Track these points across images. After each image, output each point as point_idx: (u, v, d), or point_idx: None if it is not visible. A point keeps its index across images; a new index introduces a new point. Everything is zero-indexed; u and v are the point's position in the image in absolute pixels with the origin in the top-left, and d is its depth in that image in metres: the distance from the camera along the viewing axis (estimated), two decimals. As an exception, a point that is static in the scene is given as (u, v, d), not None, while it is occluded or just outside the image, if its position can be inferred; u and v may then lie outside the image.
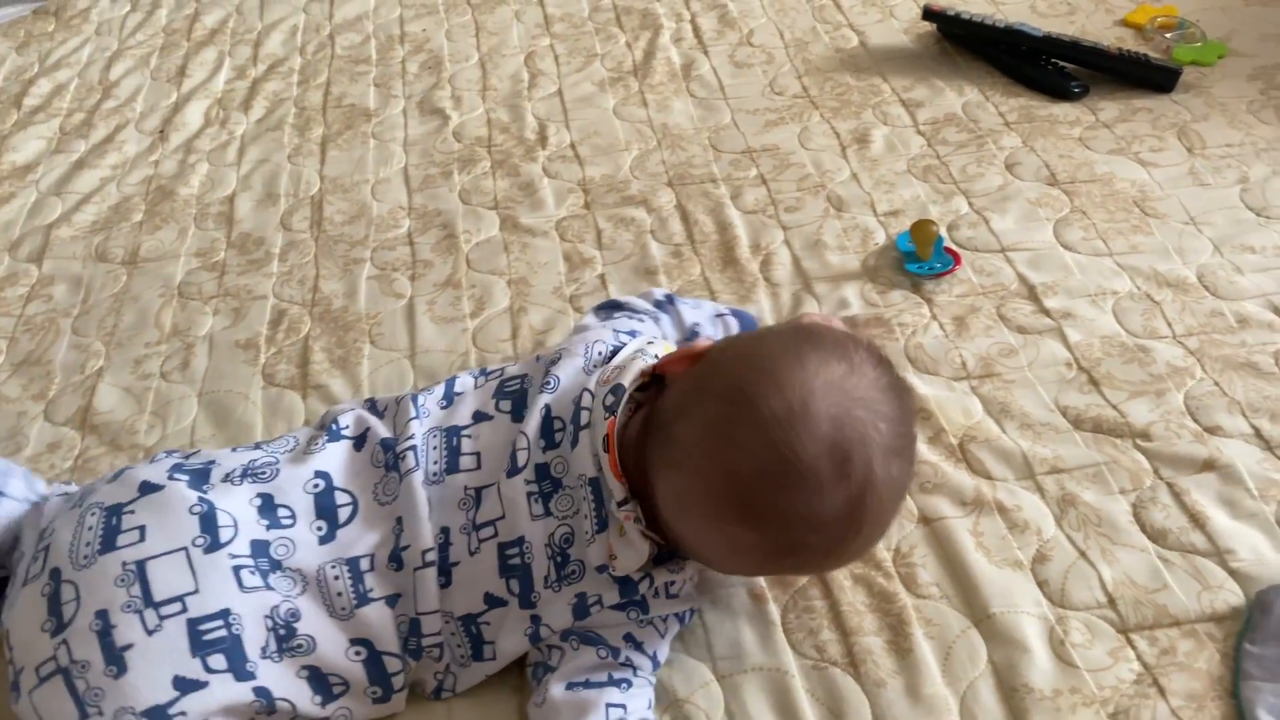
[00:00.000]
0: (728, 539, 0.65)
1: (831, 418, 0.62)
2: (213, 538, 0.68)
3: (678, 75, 1.37)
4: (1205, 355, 0.93)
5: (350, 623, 0.69)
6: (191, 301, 1.08)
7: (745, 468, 0.62)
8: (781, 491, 0.61)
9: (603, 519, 0.69)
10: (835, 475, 0.61)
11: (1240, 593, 0.76)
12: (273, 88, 1.41)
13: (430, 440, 0.74)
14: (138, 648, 0.64)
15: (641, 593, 0.70)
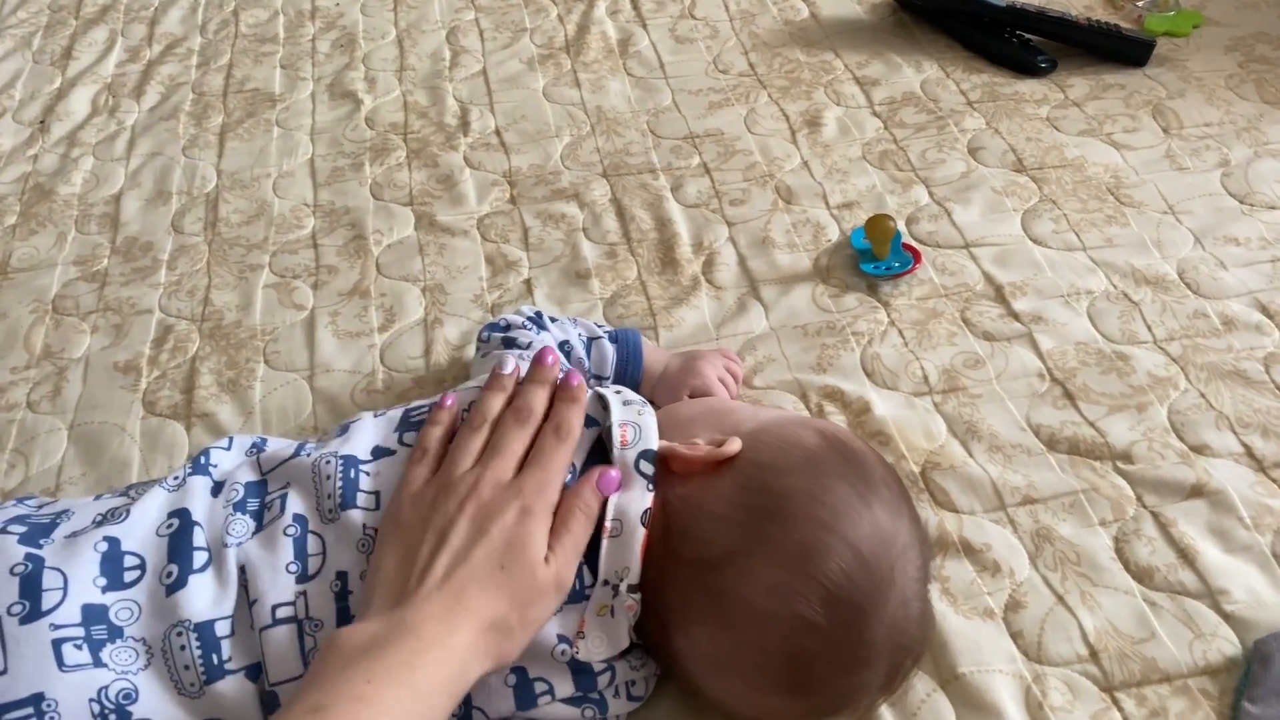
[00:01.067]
0: (759, 701, 0.60)
1: (903, 600, 0.59)
2: (32, 604, 0.57)
3: (614, 52, 1.26)
4: (1189, 362, 0.84)
5: (200, 702, 0.57)
6: (67, 318, 0.96)
7: (814, 648, 0.58)
8: (842, 674, 0.59)
9: (577, 591, 0.60)
10: (893, 653, 0.60)
11: (1236, 641, 0.67)
12: (168, 71, 1.28)
13: (320, 469, 0.64)
14: None
15: (600, 689, 0.62)
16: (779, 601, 0.57)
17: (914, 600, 0.60)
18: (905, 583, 0.59)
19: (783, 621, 0.57)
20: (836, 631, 0.57)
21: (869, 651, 0.58)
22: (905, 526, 0.61)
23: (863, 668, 0.58)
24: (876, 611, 0.58)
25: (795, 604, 0.57)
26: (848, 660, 0.58)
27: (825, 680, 0.59)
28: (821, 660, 0.58)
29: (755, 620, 0.58)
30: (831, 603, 0.57)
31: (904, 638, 0.60)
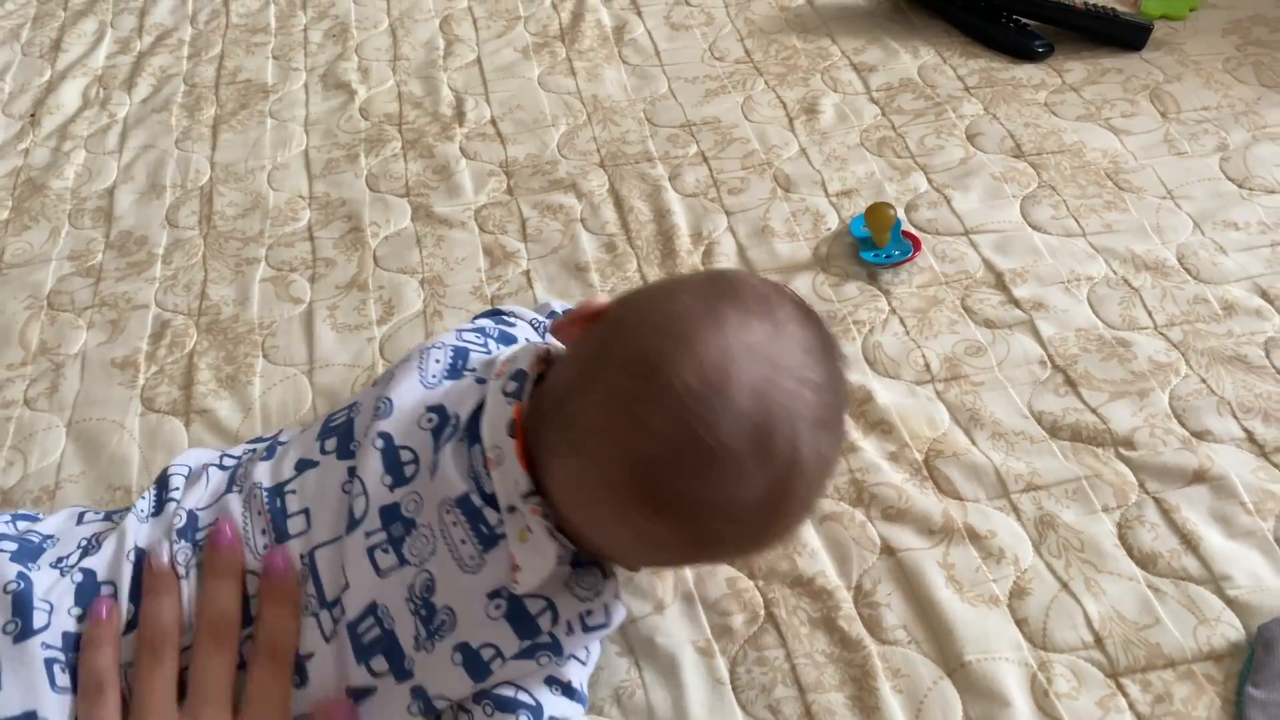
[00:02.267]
0: (634, 532, 0.55)
1: (754, 390, 0.52)
2: (24, 623, 0.57)
3: (609, 39, 1.25)
4: (1190, 348, 0.84)
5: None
6: (63, 314, 0.96)
7: (654, 453, 0.52)
8: (696, 479, 0.52)
9: (486, 536, 0.57)
10: (757, 458, 0.52)
11: (1239, 626, 0.67)
12: (160, 63, 1.27)
13: (252, 503, 0.62)
14: None
15: (546, 630, 0.58)
16: (613, 409, 0.53)
17: (795, 404, 0.53)
18: (762, 378, 0.53)
19: (618, 430, 0.53)
20: (674, 431, 0.52)
21: (722, 454, 0.52)
22: (773, 332, 0.55)
23: (719, 471, 0.52)
24: (725, 405, 0.51)
25: (629, 408, 0.52)
26: (695, 464, 0.52)
27: (681, 492, 0.52)
28: (668, 467, 0.52)
29: (594, 434, 0.54)
30: (668, 401, 0.52)
31: (775, 446, 0.52)
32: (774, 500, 0.54)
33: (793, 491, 0.54)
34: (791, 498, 0.54)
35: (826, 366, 0.56)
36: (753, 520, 0.55)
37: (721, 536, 0.55)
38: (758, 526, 0.56)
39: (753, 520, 0.55)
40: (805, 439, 0.53)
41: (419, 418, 0.62)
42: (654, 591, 0.71)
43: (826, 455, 0.56)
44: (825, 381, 0.55)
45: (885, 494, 0.76)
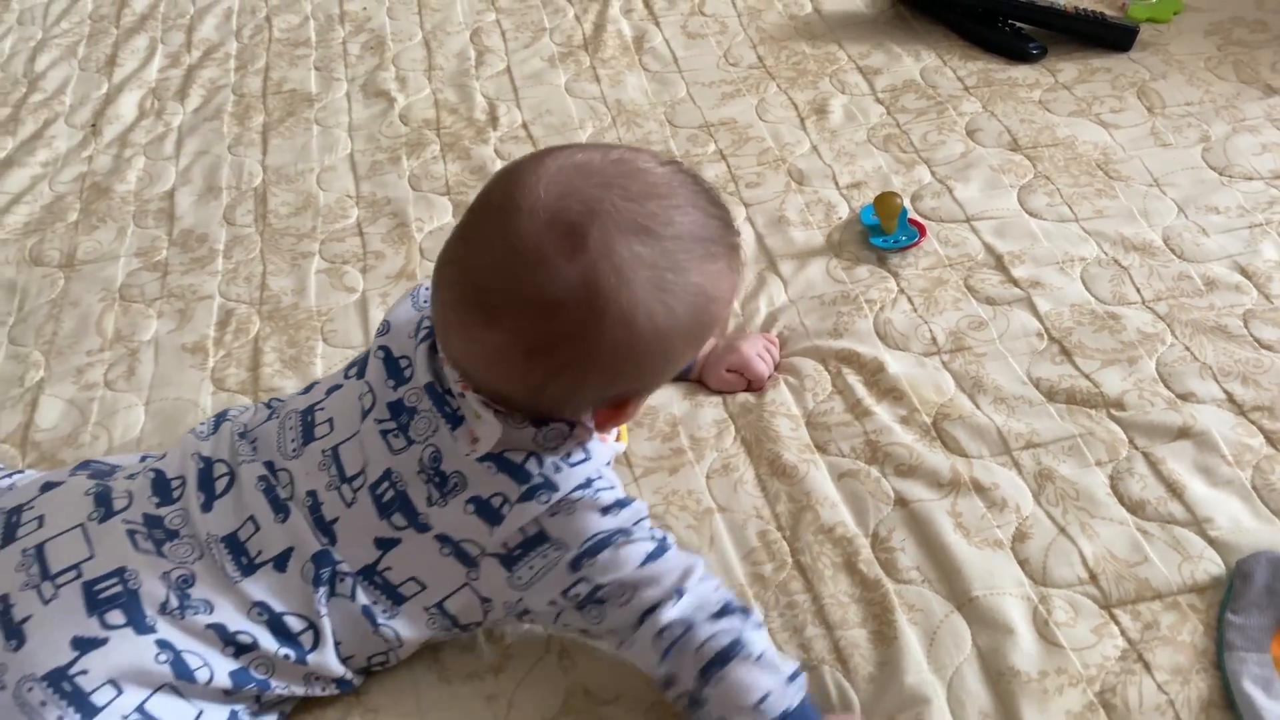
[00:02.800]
0: (483, 349, 0.62)
1: (559, 195, 0.58)
2: (107, 509, 0.70)
3: (630, 48, 1.34)
4: (1175, 320, 0.92)
5: (240, 587, 0.68)
6: (134, 304, 1.04)
7: (478, 261, 0.60)
8: (508, 276, 0.59)
9: (452, 415, 0.66)
10: (561, 250, 0.57)
11: (1220, 562, 0.75)
12: (209, 75, 1.36)
13: (287, 421, 0.73)
14: (35, 618, 0.65)
15: (537, 474, 0.66)
16: (454, 242, 0.63)
17: (601, 205, 0.58)
18: (568, 185, 0.58)
19: (456, 254, 0.62)
20: (492, 240, 0.59)
21: (523, 247, 0.57)
22: (598, 156, 0.61)
23: (527, 266, 0.58)
24: (530, 209, 0.58)
25: (463, 235, 0.62)
26: (506, 263, 0.58)
27: (499, 289, 0.59)
28: (485, 271, 0.59)
29: (442, 267, 0.63)
30: (488, 218, 0.61)
31: (580, 240, 0.57)
32: (588, 293, 0.57)
33: (606, 285, 0.57)
34: (607, 292, 0.57)
35: (658, 185, 0.60)
36: (572, 316, 0.58)
37: (551, 339, 0.59)
38: (580, 324, 0.58)
39: (572, 316, 0.58)
40: (615, 237, 0.58)
41: (409, 331, 0.72)
42: (692, 542, 0.79)
43: (653, 261, 0.58)
44: (648, 194, 0.59)
45: (898, 453, 0.83)
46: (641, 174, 0.61)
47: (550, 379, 0.62)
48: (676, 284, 0.60)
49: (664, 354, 0.63)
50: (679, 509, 0.81)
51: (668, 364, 0.65)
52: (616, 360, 0.61)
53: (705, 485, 0.83)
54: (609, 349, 0.60)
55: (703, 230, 0.62)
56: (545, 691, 0.72)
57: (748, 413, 0.88)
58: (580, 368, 0.61)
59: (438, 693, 0.72)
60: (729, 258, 0.63)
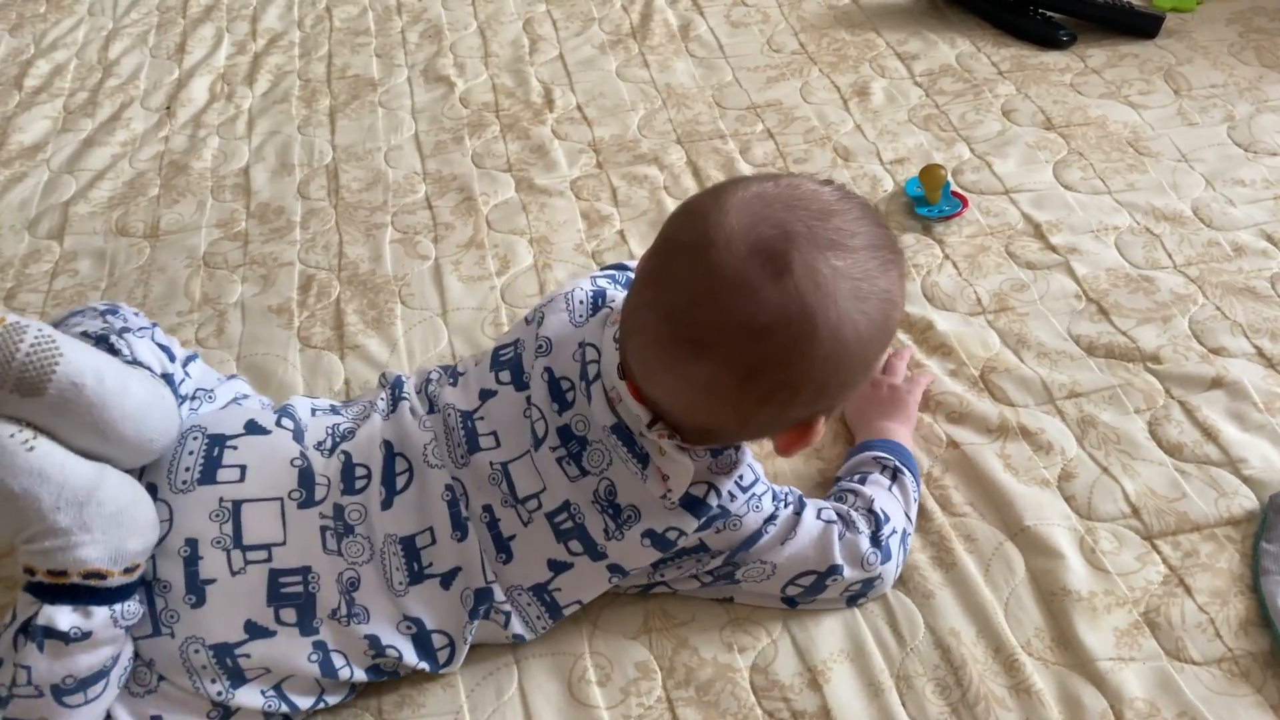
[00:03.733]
0: (692, 384, 0.62)
1: (751, 224, 0.59)
2: (308, 493, 0.70)
3: (676, 36, 1.40)
4: (1206, 282, 0.98)
5: (402, 600, 0.71)
6: (219, 271, 1.10)
7: (675, 300, 0.61)
8: (711, 308, 0.59)
9: (641, 455, 0.68)
10: (765, 275, 0.58)
11: (1254, 497, 0.81)
12: (275, 61, 1.42)
13: (449, 422, 0.74)
14: (219, 584, 0.68)
15: (714, 505, 0.69)
16: (645, 285, 0.64)
17: (795, 227, 0.59)
18: (758, 215, 0.60)
19: (649, 296, 0.63)
20: (689, 276, 0.60)
21: (727, 277, 0.59)
22: (773, 185, 0.62)
23: (733, 295, 0.59)
24: (727, 240, 0.59)
25: (655, 278, 0.63)
26: (707, 295, 0.59)
27: (704, 323, 0.60)
28: (688, 307, 0.60)
29: (636, 309, 0.64)
30: (682, 257, 0.61)
31: (781, 262, 0.58)
32: (797, 313, 0.58)
33: (813, 305, 0.58)
34: (815, 311, 0.58)
35: (839, 203, 0.62)
36: (783, 337, 0.59)
37: (762, 362, 0.60)
38: (792, 344, 0.59)
39: (783, 337, 0.59)
40: (815, 255, 0.59)
41: (572, 352, 0.72)
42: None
43: (852, 275, 0.60)
44: (835, 210, 0.61)
45: (949, 400, 0.89)
46: (816, 195, 0.62)
47: (762, 404, 0.62)
48: (871, 292, 0.61)
49: (864, 361, 0.63)
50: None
51: (865, 371, 0.65)
52: (826, 374, 0.61)
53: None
54: (820, 364, 0.60)
55: (878, 240, 0.63)
56: (627, 613, 0.77)
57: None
58: (793, 387, 0.61)
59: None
60: (900, 263, 0.65)
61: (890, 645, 0.74)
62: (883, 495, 0.78)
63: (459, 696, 0.74)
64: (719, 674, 0.74)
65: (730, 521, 0.71)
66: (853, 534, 0.75)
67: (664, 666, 0.74)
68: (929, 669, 0.72)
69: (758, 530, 0.72)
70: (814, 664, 0.73)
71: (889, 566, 0.76)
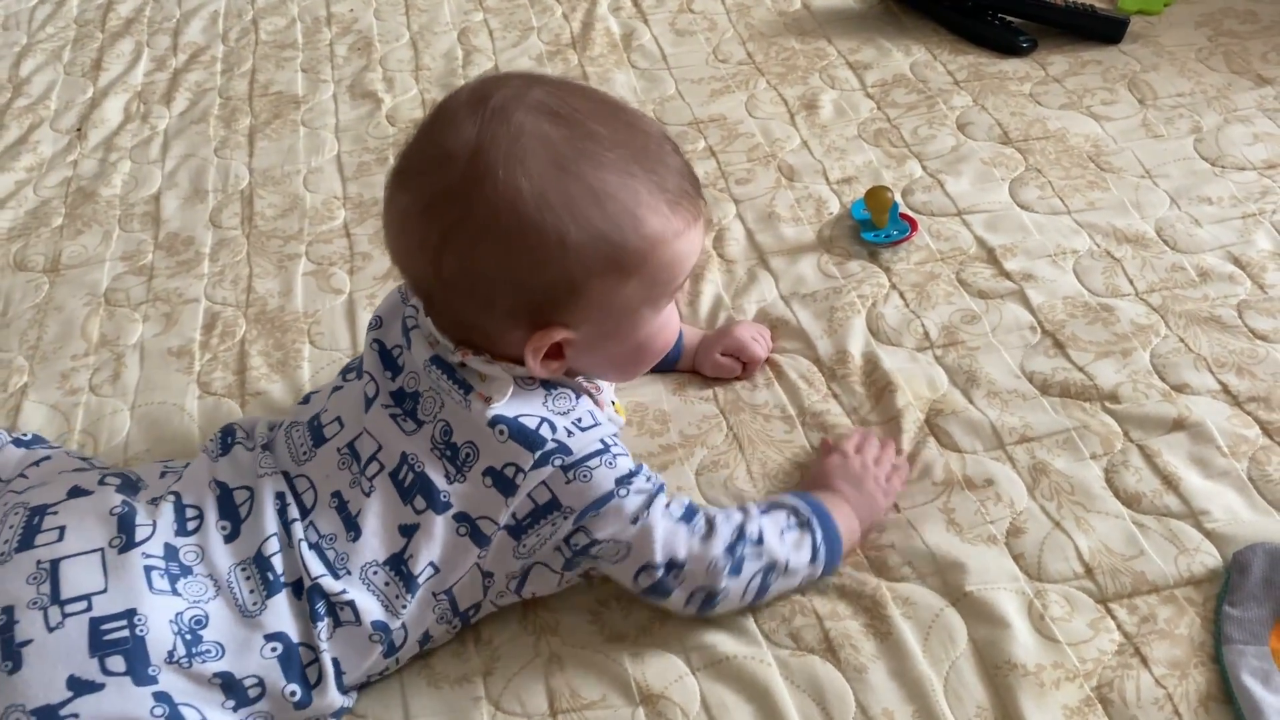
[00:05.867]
0: (394, 220, 0.66)
1: (488, 76, 0.67)
2: (129, 537, 0.67)
3: (618, 46, 1.33)
4: (1168, 311, 0.91)
5: (261, 618, 0.67)
6: (119, 309, 1.03)
7: (407, 142, 0.66)
8: (421, 139, 0.65)
9: (463, 384, 0.68)
10: (466, 107, 0.62)
11: (1217, 554, 0.74)
12: (195, 78, 1.35)
13: (293, 431, 0.74)
14: (35, 644, 0.63)
15: (550, 439, 0.67)
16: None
17: (522, 87, 0.64)
18: (505, 74, 0.66)
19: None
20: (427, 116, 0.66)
21: (441, 107, 0.65)
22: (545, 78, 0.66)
23: (438, 121, 0.64)
24: (467, 85, 0.66)
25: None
26: (426, 122, 0.65)
27: (410, 148, 0.66)
28: (413, 135, 0.66)
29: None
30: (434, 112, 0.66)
31: (487, 102, 0.63)
32: (474, 151, 0.61)
33: (493, 149, 0.61)
34: (492, 155, 0.61)
35: (587, 96, 0.65)
36: (459, 176, 0.61)
37: (439, 196, 0.62)
38: (469, 188, 0.61)
39: (459, 176, 0.61)
40: (522, 109, 0.61)
41: (399, 323, 0.73)
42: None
43: (554, 141, 0.61)
44: (569, 92, 0.64)
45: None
46: (593, 90, 0.67)
47: (445, 248, 0.63)
48: (586, 178, 0.61)
49: (565, 265, 0.62)
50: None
51: (578, 287, 0.64)
52: (505, 234, 0.61)
53: (695, 481, 0.82)
54: (492, 213, 0.61)
55: (646, 158, 0.64)
56: (532, 692, 0.71)
57: (740, 410, 0.87)
58: (467, 232, 0.62)
59: (426, 697, 0.71)
60: (676, 202, 0.64)
61: (817, 729, 0.67)
62: (771, 530, 0.72)
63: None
64: (637, 755, 0.67)
65: (579, 470, 0.67)
66: (707, 535, 0.70)
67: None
68: (858, 758, 0.66)
69: (609, 491, 0.68)
70: (734, 751, 0.67)
71: (735, 583, 0.70)
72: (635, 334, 0.70)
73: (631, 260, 0.64)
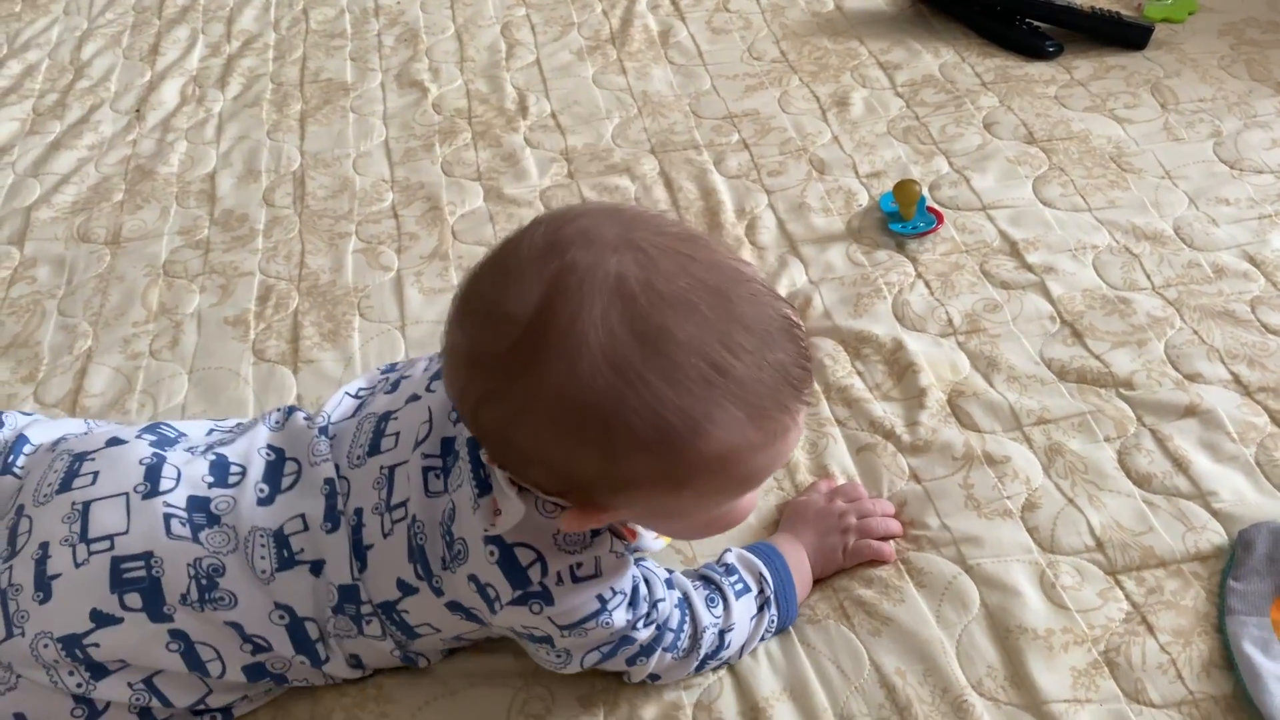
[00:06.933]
0: (447, 350, 0.58)
1: (581, 216, 0.55)
2: (153, 485, 0.69)
3: (655, 43, 1.37)
4: (1184, 305, 0.95)
5: (271, 587, 0.68)
6: (178, 280, 1.08)
7: (475, 271, 0.57)
8: (488, 282, 0.56)
9: (483, 480, 0.62)
10: (540, 261, 0.53)
11: (1223, 532, 0.78)
12: (248, 64, 1.40)
13: (364, 425, 0.71)
14: (64, 578, 0.67)
15: (536, 581, 0.62)
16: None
17: (607, 239, 0.53)
18: (589, 221, 0.55)
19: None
20: (489, 256, 0.57)
21: (509, 252, 0.56)
22: (652, 221, 0.56)
23: (504, 271, 0.55)
24: (538, 225, 0.56)
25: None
26: (488, 266, 0.57)
27: (470, 287, 0.57)
28: (473, 274, 0.57)
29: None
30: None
31: (561, 257, 0.53)
32: (537, 317, 0.52)
33: (562, 320, 0.51)
34: (559, 328, 0.51)
35: (698, 250, 0.54)
36: (515, 340, 0.53)
37: (487, 354, 0.54)
38: (523, 356, 0.53)
39: (515, 340, 0.53)
40: (597, 293, 0.51)
41: None
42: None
43: (622, 348, 0.51)
44: (679, 254, 0.53)
45: (914, 429, 0.86)
46: (703, 256, 0.54)
47: (481, 404, 0.56)
48: (645, 387, 0.52)
49: (608, 459, 0.54)
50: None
51: (619, 479, 0.55)
52: (546, 421, 0.53)
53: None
54: (536, 396, 0.53)
55: (738, 360, 0.53)
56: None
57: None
58: (506, 404, 0.54)
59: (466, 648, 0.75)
60: (764, 413, 0.54)
61: (834, 682, 0.71)
62: (740, 631, 0.71)
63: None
64: (663, 712, 0.71)
65: (575, 631, 0.64)
66: (686, 654, 0.70)
67: (607, 703, 0.72)
68: (873, 708, 0.70)
69: (607, 643, 0.66)
70: (756, 701, 0.71)
71: (686, 675, 0.72)
72: (694, 519, 0.64)
73: (686, 474, 0.55)
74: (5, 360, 1.00)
